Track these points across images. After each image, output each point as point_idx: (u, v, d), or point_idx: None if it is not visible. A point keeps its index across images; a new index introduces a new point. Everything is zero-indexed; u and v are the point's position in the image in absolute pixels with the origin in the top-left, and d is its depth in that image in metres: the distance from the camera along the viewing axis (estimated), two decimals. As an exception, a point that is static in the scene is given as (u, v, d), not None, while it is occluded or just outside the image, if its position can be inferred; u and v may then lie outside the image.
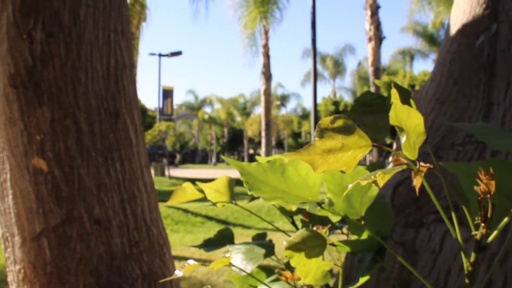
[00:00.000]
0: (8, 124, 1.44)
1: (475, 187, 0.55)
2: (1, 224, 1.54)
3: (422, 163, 0.58)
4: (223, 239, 1.13)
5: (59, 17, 1.45)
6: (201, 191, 0.90)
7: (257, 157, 0.62)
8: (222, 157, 0.64)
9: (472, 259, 0.61)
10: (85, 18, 1.49)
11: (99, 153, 1.49)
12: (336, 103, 40.22)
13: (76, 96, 1.46)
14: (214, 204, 0.91)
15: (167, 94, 35.13)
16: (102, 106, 1.51)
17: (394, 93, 0.53)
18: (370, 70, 17.92)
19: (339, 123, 0.48)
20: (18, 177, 1.45)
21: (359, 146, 0.48)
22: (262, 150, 17.64)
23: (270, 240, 0.98)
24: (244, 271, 0.81)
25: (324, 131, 0.47)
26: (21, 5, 1.42)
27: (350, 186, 0.52)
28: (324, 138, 0.46)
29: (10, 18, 1.42)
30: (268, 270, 1.04)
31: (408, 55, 34.12)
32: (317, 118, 12.84)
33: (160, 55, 29.29)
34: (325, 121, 0.48)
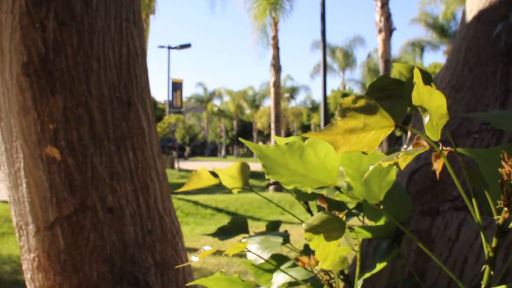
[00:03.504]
0: (21, 113, 1.44)
1: (499, 170, 0.54)
2: (15, 213, 1.55)
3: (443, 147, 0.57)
4: (237, 227, 1.12)
5: (71, 5, 1.44)
6: (216, 176, 0.89)
7: (275, 137, 0.61)
8: (240, 139, 0.63)
9: (493, 244, 0.60)
10: (97, 7, 1.48)
11: (112, 141, 1.49)
12: (345, 96, 40.04)
13: (88, 84, 1.46)
14: (230, 190, 0.90)
15: (177, 86, 35.20)
16: (114, 95, 1.51)
17: (417, 73, 0.52)
18: (380, 62, 17.79)
19: (361, 102, 0.47)
20: (31, 166, 1.46)
21: (381, 126, 0.47)
22: (272, 142, 17.63)
23: (285, 231, 0.97)
24: (261, 257, 0.80)
25: (346, 110, 0.46)
26: (34, -6, 1.42)
27: (371, 168, 0.51)
28: (346, 118, 0.45)
29: (22, 7, 1.42)
30: (282, 258, 1.03)
31: (418, 46, 33.84)
32: (326, 111, 12.80)
33: (169, 47, 29.32)
34: (347, 100, 0.47)
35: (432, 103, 0.51)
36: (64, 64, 1.43)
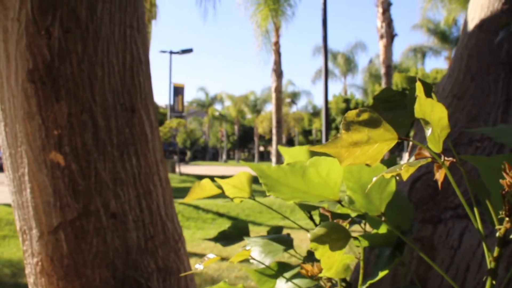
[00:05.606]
0: (26, 118, 1.45)
1: (500, 181, 0.55)
2: (19, 217, 1.56)
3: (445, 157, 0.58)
4: (238, 232, 1.12)
5: (76, 13, 1.46)
6: (219, 187, 0.90)
7: (279, 147, 0.62)
8: (241, 162, 0.65)
9: (495, 253, 0.61)
10: (102, 14, 1.50)
11: (115, 147, 1.50)
12: (347, 101, 40.06)
13: (92, 91, 1.47)
14: (232, 199, 0.91)
15: (178, 91, 35.27)
16: (118, 101, 1.52)
17: (419, 86, 0.53)
18: (381, 67, 17.81)
19: (365, 116, 0.48)
20: (35, 171, 1.47)
21: (385, 139, 0.48)
22: (273, 147, 17.65)
23: (288, 234, 0.97)
24: (263, 264, 0.81)
25: (350, 124, 0.47)
26: (40, 2, 1.44)
27: (374, 179, 0.52)
28: (350, 131, 0.46)
29: (28, 15, 1.43)
30: (284, 266, 1.03)
31: (420, 52, 33.91)
32: (328, 116, 12.82)
33: (171, 52, 29.42)
34: (351, 114, 0.48)
35: (434, 115, 0.52)
36: (69, 71, 1.45)
